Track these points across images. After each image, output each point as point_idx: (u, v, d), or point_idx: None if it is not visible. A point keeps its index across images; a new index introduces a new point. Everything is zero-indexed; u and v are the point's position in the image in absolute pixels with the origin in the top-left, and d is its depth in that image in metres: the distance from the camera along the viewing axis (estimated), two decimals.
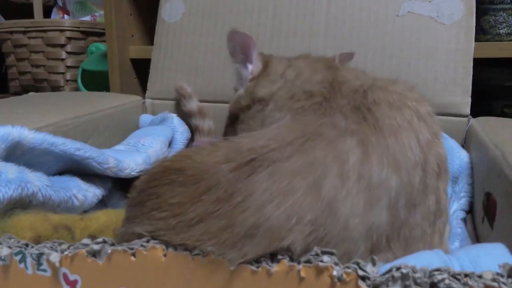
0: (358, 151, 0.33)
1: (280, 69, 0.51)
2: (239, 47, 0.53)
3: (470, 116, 0.66)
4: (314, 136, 0.33)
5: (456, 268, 0.28)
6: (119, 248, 0.29)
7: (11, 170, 0.40)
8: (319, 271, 0.26)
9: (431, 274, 0.25)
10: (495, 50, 0.76)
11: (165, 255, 0.29)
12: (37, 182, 0.42)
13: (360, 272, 0.26)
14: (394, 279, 0.25)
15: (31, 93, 1.14)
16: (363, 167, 0.32)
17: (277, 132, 0.34)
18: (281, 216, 0.29)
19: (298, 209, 0.29)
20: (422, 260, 0.29)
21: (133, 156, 0.56)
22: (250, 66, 0.53)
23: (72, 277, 0.30)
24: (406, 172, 0.34)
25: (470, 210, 0.56)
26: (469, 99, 0.66)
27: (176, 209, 0.30)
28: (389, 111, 0.37)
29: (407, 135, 0.35)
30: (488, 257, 0.30)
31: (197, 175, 0.31)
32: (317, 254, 0.28)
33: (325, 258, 0.27)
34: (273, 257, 0.28)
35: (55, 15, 1.48)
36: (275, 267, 0.27)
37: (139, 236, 0.30)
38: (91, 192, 0.49)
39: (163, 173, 0.33)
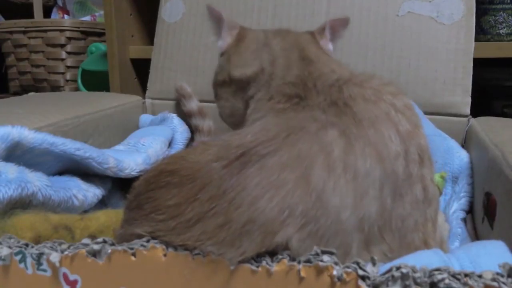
0: (341, 142, 0.33)
1: (253, 46, 0.50)
2: (216, 23, 0.54)
3: (470, 116, 0.66)
4: (296, 130, 0.34)
5: (456, 267, 0.29)
6: (119, 248, 0.29)
7: (11, 170, 0.40)
8: (319, 270, 0.26)
9: (431, 273, 0.25)
10: (495, 50, 0.76)
11: (165, 255, 0.29)
12: (37, 182, 0.42)
13: (360, 272, 0.26)
14: (394, 279, 0.25)
15: (31, 93, 1.14)
16: (347, 157, 0.33)
17: (262, 127, 0.35)
18: (274, 209, 0.29)
19: (289, 201, 0.29)
20: (421, 260, 0.29)
21: (133, 156, 0.56)
22: (220, 41, 0.54)
23: (72, 277, 0.30)
24: (389, 162, 0.34)
25: (470, 210, 0.56)
26: (469, 99, 0.66)
27: (174, 211, 0.30)
28: (365, 105, 0.37)
29: (386, 126, 0.36)
30: (488, 257, 0.30)
31: (191, 175, 0.31)
32: (317, 254, 0.28)
33: (325, 257, 0.27)
34: (273, 256, 0.28)
35: (55, 15, 1.48)
36: (275, 267, 0.27)
37: (139, 236, 0.30)
38: (91, 192, 0.49)
39: (159, 176, 0.33)
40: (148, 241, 0.30)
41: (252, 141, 0.32)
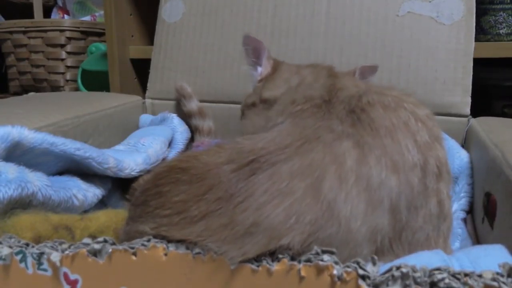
0: (355, 153, 0.33)
1: (286, 75, 0.53)
2: (252, 51, 0.57)
3: (470, 116, 0.66)
4: (311, 139, 0.34)
5: (456, 268, 0.29)
6: (120, 247, 0.29)
7: (11, 170, 0.40)
8: (319, 270, 0.26)
9: (431, 273, 0.25)
10: (495, 50, 0.76)
11: (165, 254, 0.29)
12: (37, 182, 0.42)
13: (360, 271, 0.26)
14: (394, 279, 0.25)
15: (31, 93, 1.14)
16: (360, 168, 0.32)
17: (276, 135, 0.35)
18: (280, 214, 0.29)
19: (297, 209, 0.29)
20: (422, 260, 0.29)
21: (133, 156, 0.56)
22: (259, 69, 0.57)
23: (72, 277, 0.30)
24: (404, 173, 0.34)
25: (470, 210, 0.56)
26: (469, 99, 0.66)
27: (180, 207, 0.31)
28: (383, 112, 0.37)
29: (404, 135, 0.35)
30: (488, 257, 0.30)
31: (200, 174, 0.32)
32: (317, 253, 0.28)
33: (325, 257, 0.27)
34: (273, 256, 0.28)
35: (55, 15, 1.48)
36: (275, 266, 0.27)
37: (143, 234, 0.31)
38: (91, 192, 0.49)
39: (169, 172, 0.33)
40: (148, 240, 0.30)
41: (264, 148, 0.33)
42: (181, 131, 0.71)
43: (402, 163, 0.34)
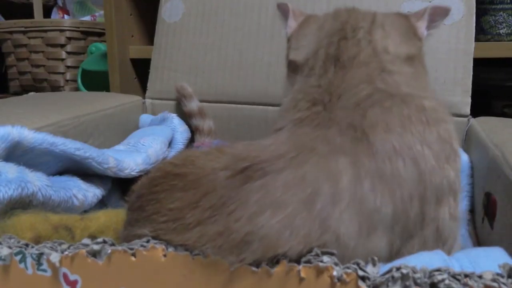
0: (350, 173, 0.31)
1: (309, 30, 0.47)
2: (283, 15, 0.53)
3: (470, 116, 0.66)
4: (306, 150, 0.33)
5: (456, 268, 0.28)
6: (119, 248, 0.29)
7: (11, 170, 0.40)
8: (319, 271, 0.26)
9: (431, 274, 0.25)
10: (495, 50, 0.75)
11: (165, 255, 0.29)
12: (37, 182, 0.42)
13: (360, 272, 0.26)
14: (394, 279, 0.25)
15: (31, 93, 1.14)
16: (355, 191, 0.31)
17: (271, 143, 0.34)
18: (275, 226, 0.28)
19: (291, 222, 0.29)
20: (422, 260, 0.29)
21: (133, 156, 0.56)
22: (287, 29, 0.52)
23: (72, 277, 0.30)
24: (401, 202, 0.32)
25: (470, 210, 0.56)
26: (469, 99, 0.66)
27: (175, 214, 0.30)
28: (385, 135, 0.34)
29: (405, 163, 0.33)
30: (488, 258, 0.30)
31: (196, 180, 0.31)
32: (317, 255, 0.28)
33: (325, 258, 0.27)
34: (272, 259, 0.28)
35: (55, 15, 1.48)
36: (275, 268, 0.27)
37: (141, 237, 0.30)
38: (91, 192, 0.49)
39: (164, 178, 0.33)
40: (148, 241, 0.30)
41: (257, 156, 0.32)
42: (181, 131, 0.71)
43: (399, 193, 0.32)
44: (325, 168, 0.32)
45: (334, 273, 0.26)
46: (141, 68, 0.94)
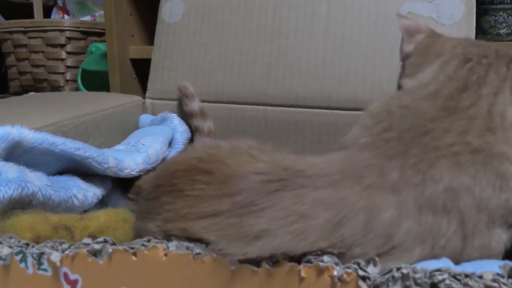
0: (392, 214, 0.31)
1: (425, 62, 0.45)
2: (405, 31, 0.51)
3: None
4: (352, 177, 0.32)
5: (456, 268, 0.28)
6: (120, 247, 0.29)
7: (11, 170, 0.40)
8: (320, 271, 0.26)
9: (431, 274, 0.25)
10: None
11: (165, 255, 0.29)
12: (37, 182, 0.42)
13: (361, 272, 0.26)
14: (394, 279, 0.25)
15: (31, 93, 1.14)
16: (390, 232, 0.30)
17: (321, 162, 0.34)
18: (290, 232, 0.29)
19: (308, 232, 0.29)
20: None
21: (133, 156, 0.56)
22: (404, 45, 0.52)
23: (72, 277, 0.30)
24: (437, 251, 0.31)
25: None
26: None
27: (192, 201, 0.31)
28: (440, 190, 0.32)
29: (450, 221, 0.32)
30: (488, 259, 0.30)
31: (224, 178, 0.32)
32: (317, 254, 0.28)
33: (326, 258, 0.27)
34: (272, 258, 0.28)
35: (55, 15, 1.48)
36: (275, 267, 0.27)
37: (150, 232, 0.31)
38: (91, 192, 0.49)
39: (190, 172, 0.33)
40: (149, 240, 0.30)
41: (302, 171, 0.32)
42: (181, 131, 0.71)
43: (436, 243, 0.31)
44: (368, 199, 0.31)
45: (335, 273, 0.26)
46: (141, 68, 0.94)
